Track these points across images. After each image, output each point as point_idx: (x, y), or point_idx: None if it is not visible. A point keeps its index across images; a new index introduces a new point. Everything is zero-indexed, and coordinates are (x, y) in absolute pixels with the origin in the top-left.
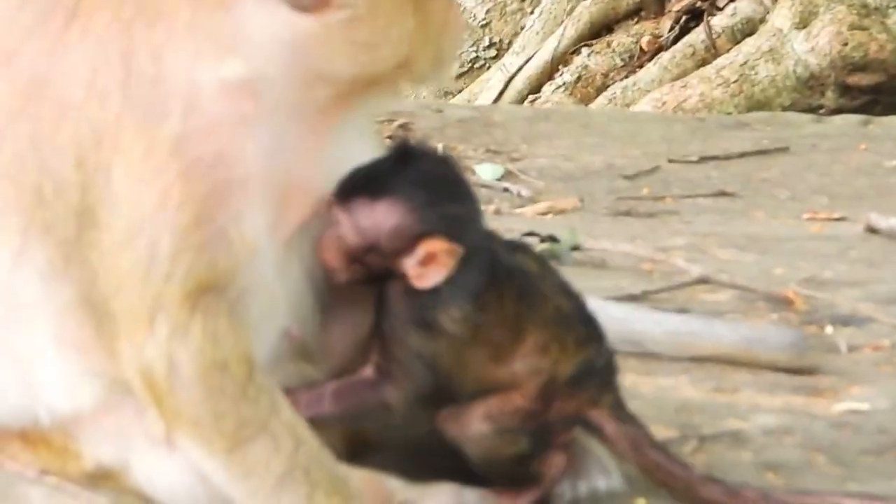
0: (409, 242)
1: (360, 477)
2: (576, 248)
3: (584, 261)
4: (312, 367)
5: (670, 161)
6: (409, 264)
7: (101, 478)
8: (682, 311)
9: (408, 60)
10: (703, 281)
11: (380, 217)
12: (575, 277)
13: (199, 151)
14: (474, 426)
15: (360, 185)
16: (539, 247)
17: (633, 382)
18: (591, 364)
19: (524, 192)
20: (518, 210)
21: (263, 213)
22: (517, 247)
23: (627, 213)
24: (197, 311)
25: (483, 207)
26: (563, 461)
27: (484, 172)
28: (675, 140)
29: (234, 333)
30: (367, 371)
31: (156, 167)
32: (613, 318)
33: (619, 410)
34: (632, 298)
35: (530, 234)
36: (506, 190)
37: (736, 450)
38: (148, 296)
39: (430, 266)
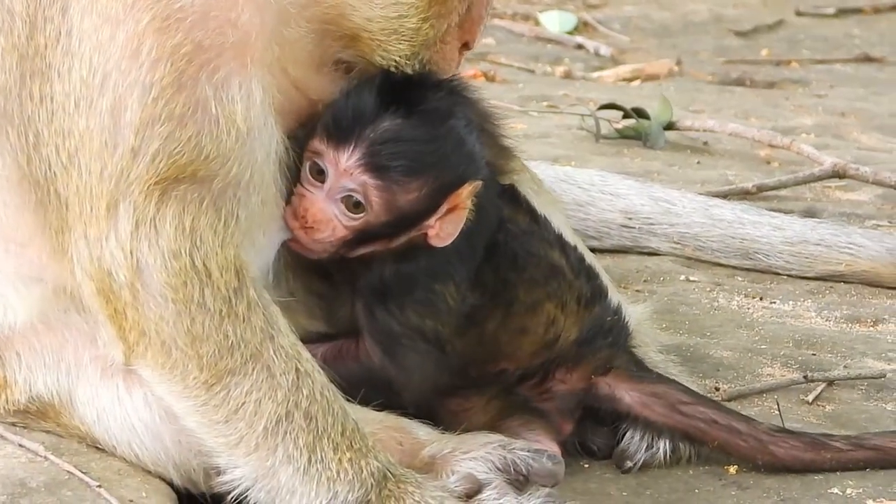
0: (438, 201)
1: (377, 422)
2: (670, 126)
3: (680, 143)
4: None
5: (799, 13)
6: (431, 223)
7: (35, 414)
8: (809, 213)
9: (387, 32)
10: (837, 174)
11: (417, 187)
12: (668, 165)
13: None
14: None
15: (391, 156)
16: (622, 123)
17: (741, 306)
18: (600, 323)
19: (604, 51)
20: (595, 74)
21: (260, 91)
22: (505, 192)
23: (739, 82)
24: (171, 201)
25: (549, 69)
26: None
27: (551, 22)
28: None
29: (219, 233)
30: (361, 344)
31: (128, 2)
32: (718, 220)
33: (640, 370)
34: (743, 195)
35: (610, 105)
36: (580, 47)
37: (875, 398)
38: (109, 175)
39: (449, 217)
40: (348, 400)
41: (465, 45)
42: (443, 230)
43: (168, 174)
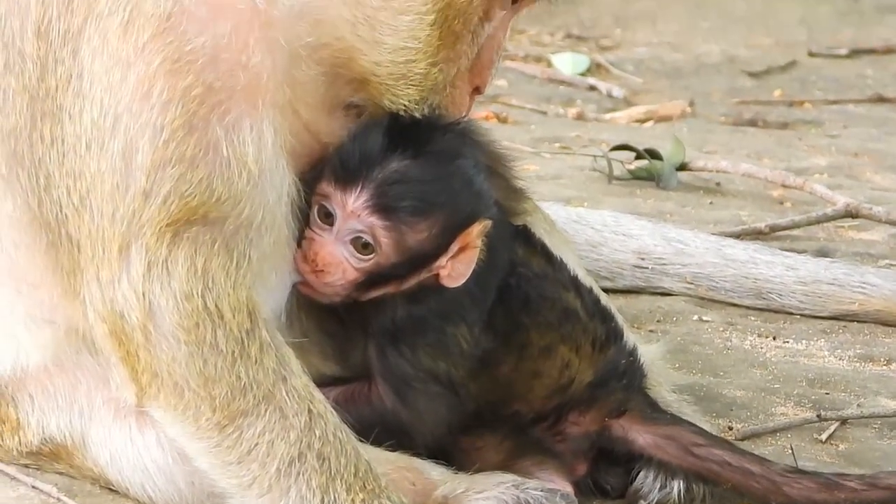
0: (448, 240)
1: (389, 463)
2: (683, 166)
3: (693, 184)
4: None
5: (811, 54)
6: (442, 263)
7: (48, 455)
8: (822, 253)
9: (396, 74)
10: (850, 214)
11: (426, 227)
12: (680, 206)
13: (198, 38)
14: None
15: (398, 196)
16: (634, 164)
17: (755, 346)
18: (615, 366)
19: (616, 92)
20: (607, 115)
21: (271, 133)
22: (519, 233)
23: (752, 123)
24: (183, 243)
25: (562, 110)
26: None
27: (563, 64)
28: (819, 25)
29: (231, 274)
30: (373, 387)
31: (139, 45)
32: (731, 260)
33: (654, 411)
34: (756, 235)
35: (622, 146)
36: (592, 88)
37: (888, 437)
38: (121, 217)
39: (460, 257)
40: (361, 440)
41: (476, 90)
42: (454, 270)
43: (180, 216)
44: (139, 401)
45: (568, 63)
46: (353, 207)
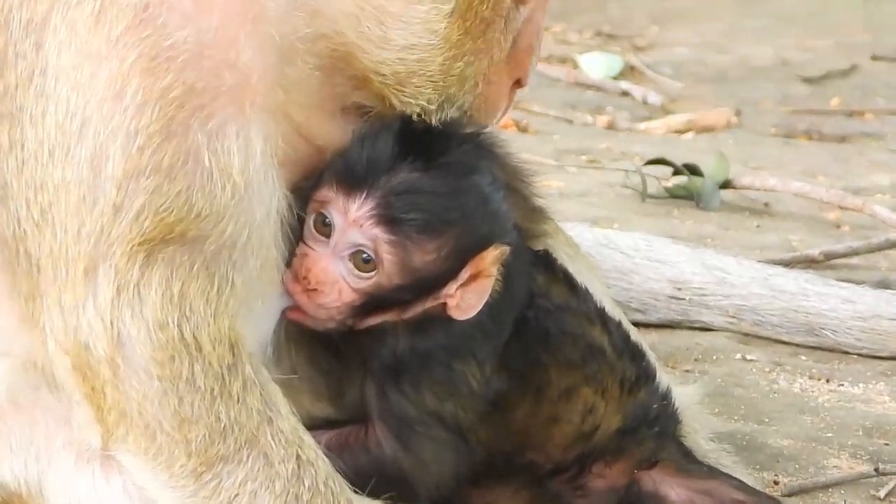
0: (458, 265)
1: None
2: (726, 184)
3: (737, 204)
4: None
5: (875, 58)
6: (450, 291)
7: None
8: (884, 284)
9: (412, 75)
10: None
11: (435, 248)
12: (723, 229)
13: (179, 32)
14: None
15: (407, 208)
16: (671, 181)
17: (805, 389)
18: (646, 410)
19: (652, 98)
20: (642, 125)
21: (260, 140)
22: (539, 259)
23: (806, 135)
24: (157, 264)
25: (590, 118)
26: None
27: (592, 66)
28: (884, 26)
29: (212, 301)
30: (370, 431)
31: (112, 38)
32: (779, 291)
33: (689, 462)
34: (808, 263)
35: (658, 161)
36: (625, 94)
37: None
38: (87, 234)
39: (472, 287)
40: (355, 492)
41: (517, 83)
42: (464, 301)
43: (154, 234)
44: (105, 444)
45: (598, 64)
46: (355, 216)
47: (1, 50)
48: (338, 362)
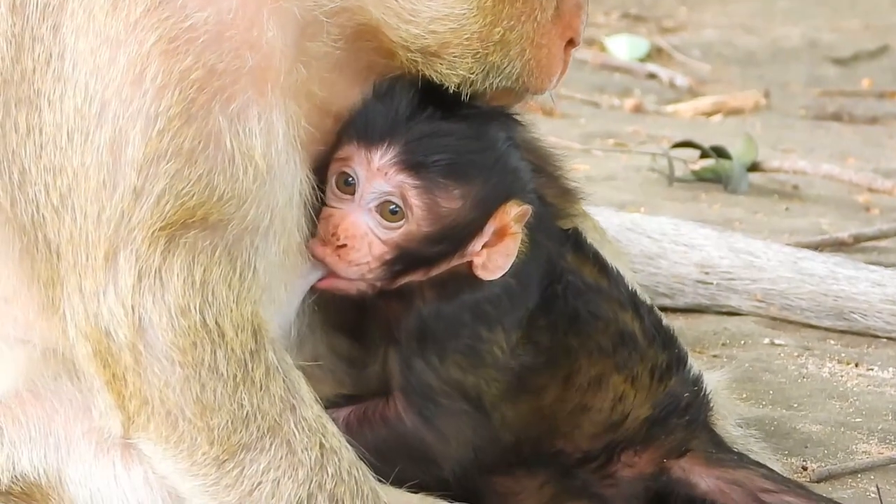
0: (483, 217)
1: None
2: (755, 167)
3: (766, 187)
4: (349, 342)
5: None
6: (476, 248)
7: (19, 496)
8: None
9: (451, 50)
10: None
11: (460, 194)
12: (751, 213)
13: (199, 13)
14: None
15: (431, 151)
16: (699, 164)
17: (834, 373)
18: (676, 399)
19: (680, 81)
20: (670, 107)
21: (282, 122)
22: (567, 237)
23: (836, 117)
24: (179, 250)
25: (617, 101)
26: None
27: (619, 48)
28: None
29: (234, 287)
30: (390, 404)
31: (130, 21)
32: (808, 275)
33: (719, 451)
34: (838, 246)
35: (686, 144)
36: (652, 76)
37: None
38: (107, 219)
39: (499, 247)
40: (379, 480)
41: (570, 42)
42: (490, 261)
43: (175, 218)
44: (126, 431)
45: (624, 47)
46: (379, 164)
47: (18, 34)
48: (360, 347)
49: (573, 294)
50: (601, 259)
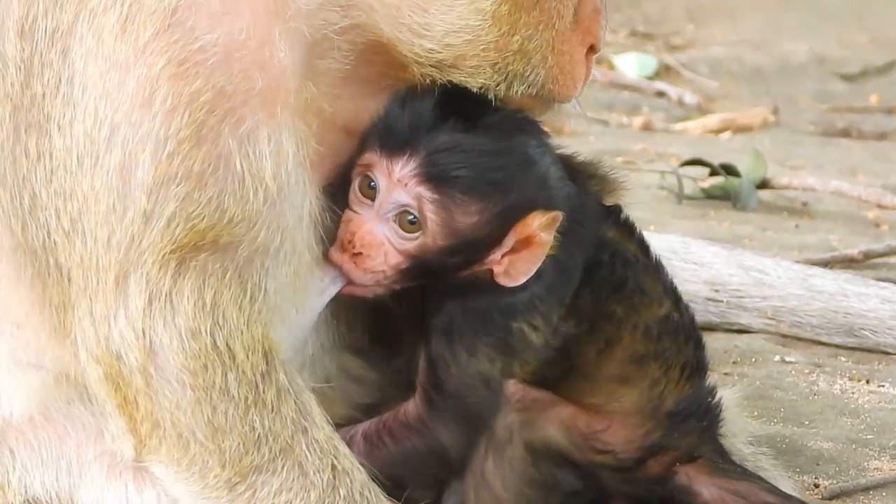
0: (502, 231)
1: None
2: (764, 184)
3: (775, 204)
4: (361, 363)
5: None
6: (496, 258)
7: None
8: None
9: (470, 60)
10: None
11: (478, 210)
12: (760, 230)
13: (208, 35)
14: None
15: (451, 167)
16: (708, 182)
17: (845, 390)
18: (698, 402)
19: (688, 98)
20: (678, 125)
21: (292, 143)
22: (611, 213)
23: (845, 133)
24: (189, 272)
25: (626, 119)
26: None
27: (628, 66)
28: None
29: (245, 309)
30: (410, 407)
31: (139, 45)
32: (818, 292)
33: (723, 462)
34: (847, 263)
35: (694, 161)
36: (661, 94)
37: None
38: (117, 243)
39: (522, 254)
40: (392, 502)
41: (591, 49)
42: (513, 268)
43: (186, 241)
44: (138, 454)
45: (633, 64)
46: (399, 175)
47: (27, 59)
48: (381, 343)
49: (621, 263)
50: (645, 241)
